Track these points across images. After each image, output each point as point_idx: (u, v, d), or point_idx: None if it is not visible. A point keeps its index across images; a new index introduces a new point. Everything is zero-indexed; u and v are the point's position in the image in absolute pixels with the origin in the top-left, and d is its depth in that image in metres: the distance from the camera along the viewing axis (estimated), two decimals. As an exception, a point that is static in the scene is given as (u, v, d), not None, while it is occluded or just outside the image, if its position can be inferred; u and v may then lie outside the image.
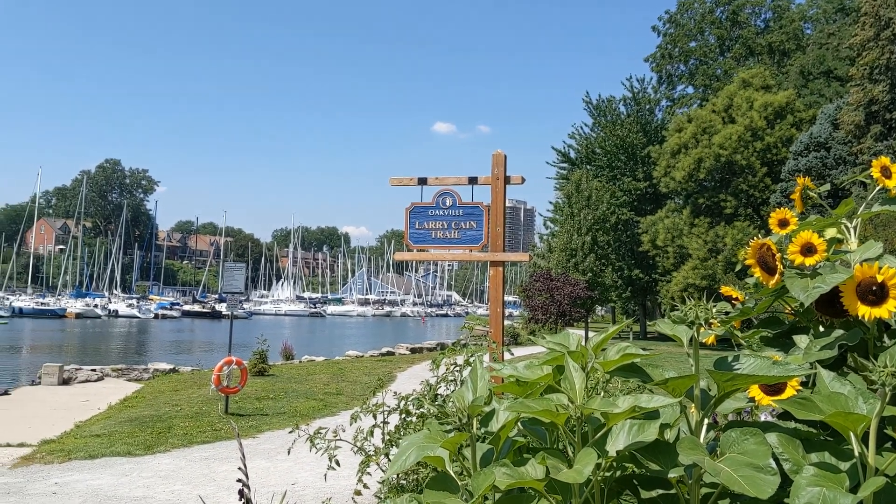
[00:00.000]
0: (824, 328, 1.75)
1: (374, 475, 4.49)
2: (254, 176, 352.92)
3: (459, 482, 1.68)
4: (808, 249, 1.76)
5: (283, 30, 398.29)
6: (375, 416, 4.65)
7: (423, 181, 8.23)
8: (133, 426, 11.11)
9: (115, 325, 63.80)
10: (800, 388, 1.66)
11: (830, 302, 1.70)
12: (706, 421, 1.64)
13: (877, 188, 2.00)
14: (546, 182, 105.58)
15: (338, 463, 4.38)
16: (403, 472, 4.11)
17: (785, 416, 1.71)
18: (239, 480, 2.01)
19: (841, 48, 34.48)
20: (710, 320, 1.61)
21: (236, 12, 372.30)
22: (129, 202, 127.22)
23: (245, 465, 2.04)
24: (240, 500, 2.01)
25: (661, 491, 1.61)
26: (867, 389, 1.48)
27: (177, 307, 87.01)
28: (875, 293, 1.57)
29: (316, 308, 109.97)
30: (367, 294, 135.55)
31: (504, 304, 8.02)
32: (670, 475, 1.52)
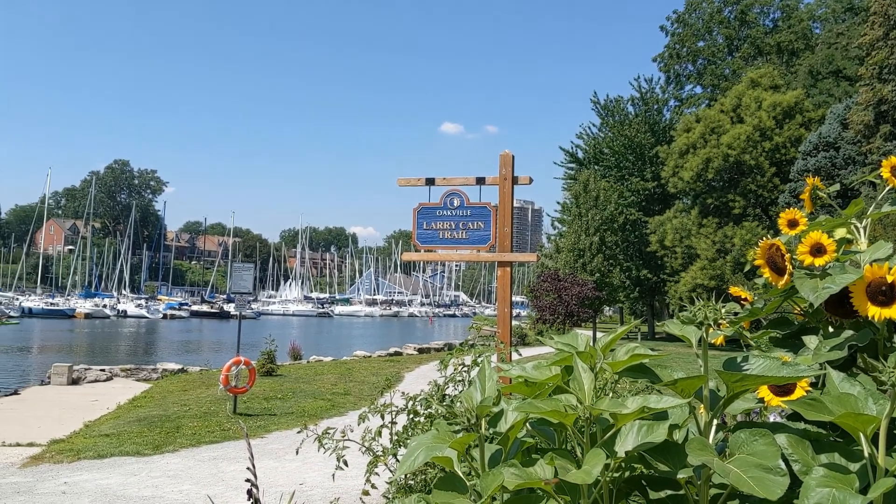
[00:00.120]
0: (834, 329, 1.75)
1: (382, 475, 4.49)
2: (262, 177, 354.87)
3: (468, 483, 1.68)
4: (817, 250, 1.75)
5: (295, 39, 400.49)
6: (383, 417, 4.66)
7: (430, 182, 8.23)
8: (142, 426, 11.16)
9: (123, 326, 64.06)
10: (809, 388, 1.65)
11: (840, 302, 1.69)
12: (715, 422, 1.64)
13: (886, 188, 1.99)
14: (554, 182, 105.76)
15: (346, 463, 4.39)
16: (412, 472, 4.11)
17: (794, 417, 1.70)
18: (247, 480, 2.02)
19: (850, 48, 34.31)
20: (719, 321, 1.60)
21: (250, 22, 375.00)
22: (138, 203, 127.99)
23: (254, 465, 2.04)
24: (248, 499, 2.01)
25: (669, 492, 1.61)
26: (877, 390, 1.47)
27: (185, 307, 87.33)
28: (885, 294, 1.56)
29: (324, 308, 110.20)
30: (374, 294, 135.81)
31: (512, 305, 8.00)
32: (679, 476, 1.52)
